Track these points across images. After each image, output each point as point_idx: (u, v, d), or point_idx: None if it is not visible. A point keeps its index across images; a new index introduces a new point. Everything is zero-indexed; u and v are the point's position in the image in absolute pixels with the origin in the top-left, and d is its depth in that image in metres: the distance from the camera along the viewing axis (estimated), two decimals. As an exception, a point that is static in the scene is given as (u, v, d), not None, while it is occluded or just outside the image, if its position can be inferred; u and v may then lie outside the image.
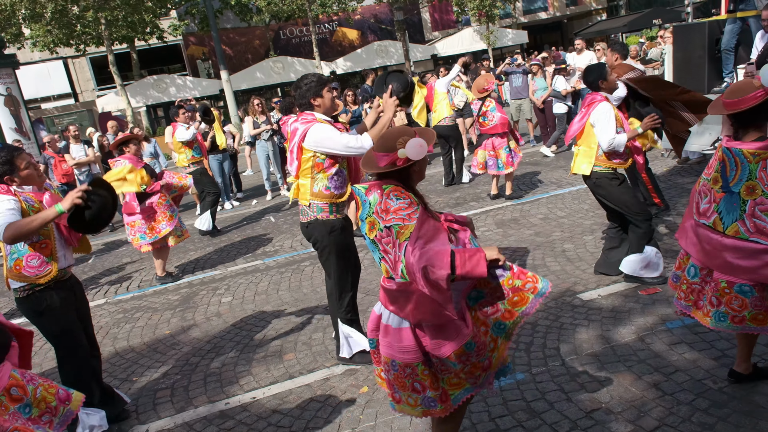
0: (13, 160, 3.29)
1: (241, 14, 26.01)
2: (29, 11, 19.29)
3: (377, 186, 2.38)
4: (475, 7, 26.42)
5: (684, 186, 6.94)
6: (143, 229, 6.18)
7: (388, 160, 2.33)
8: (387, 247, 2.32)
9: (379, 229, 2.31)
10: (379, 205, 2.32)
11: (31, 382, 2.24)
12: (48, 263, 3.34)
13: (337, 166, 3.77)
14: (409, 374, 2.41)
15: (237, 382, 4.04)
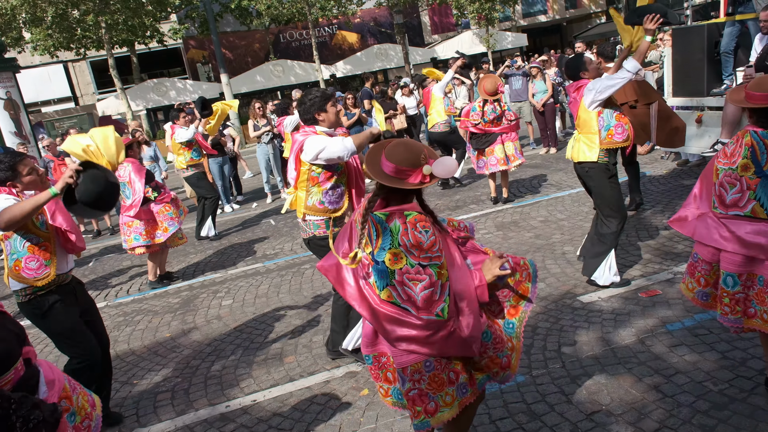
0: (15, 165, 3.29)
1: (241, 18, 26.08)
2: (30, 15, 19.35)
3: (398, 213, 2.31)
4: (474, 10, 26.48)
5: (684, 188, 6.94)
6: (140, 230, 6.19)
7: (418, 178, 2.29)
8: (413, 283, 2.27)
9: (409, 265, 2.25)
10: (406, 237, 2.26)
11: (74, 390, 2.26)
12: (47, 266, 3.34)
13: (333, 181, 3.80)
14: (445, 365, 2.38)
15: (237, 385, 4.04)
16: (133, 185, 6.14)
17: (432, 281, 2.27)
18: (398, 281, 2.28)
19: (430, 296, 2.27)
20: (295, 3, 24.16)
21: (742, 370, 3.26)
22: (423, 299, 2.27)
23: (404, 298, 2.30)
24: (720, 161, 2.96)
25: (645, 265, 4.94)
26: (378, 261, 2.32)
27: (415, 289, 2.27)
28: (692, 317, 3.94)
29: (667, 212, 6.16)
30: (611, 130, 4.46)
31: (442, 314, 2.28)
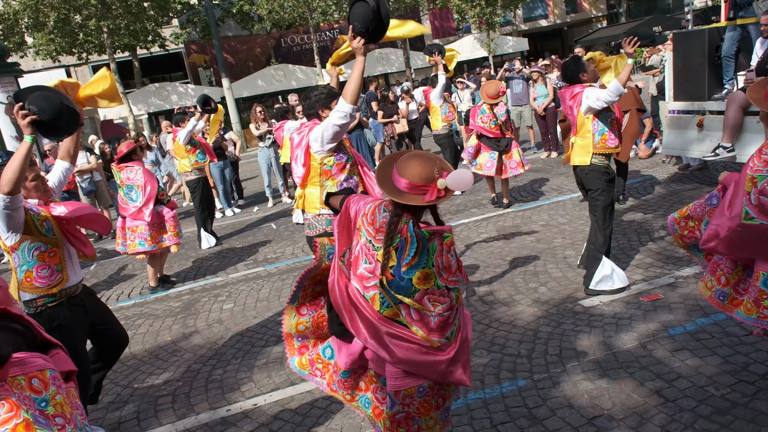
0: None
1: (242, 22, 26.15)
2: (32, 20, 19.40)
3: (439, 235, 2.26)
4: (475, 14, 26.54)
5: (684, 193, 6.94)
6: (145, 236, 6.17)
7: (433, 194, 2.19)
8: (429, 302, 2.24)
9: (437, 286, 2.23)
10: (441, 259, 2.24)
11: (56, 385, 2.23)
12: (59, 272, 3.31)
13: (347, 172, 3.73)
14: (437, 391, 2.38)
15: (238, 389, 4.04)
16: (145, 187, 6.14)
17: (451, 305, 2.27)
18: (416, 300, 2.24)
19: (447, 319, 2.27)
20: (296, 8, 24.21)
21: (744, 375, 3.26)
22: (439, 321, 2.25)
23: (415, 318, 2.25)
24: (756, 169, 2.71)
25: (647, 269, 4.94)
26: (404, 278, 2.22)
27: (433, 310, 2.24)
28: (694, 321, 3.93)
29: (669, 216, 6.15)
30: (605, 135, 4.48)
31: (451, 337, 2.29)
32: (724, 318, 3.89)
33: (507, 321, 4.38)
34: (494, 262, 5.68)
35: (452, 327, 2.30)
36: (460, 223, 7.24)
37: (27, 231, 3.21)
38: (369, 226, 2.31)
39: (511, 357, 3.84)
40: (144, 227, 6.17)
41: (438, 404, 2.40)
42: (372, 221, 2.31)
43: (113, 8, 19.78)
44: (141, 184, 6.14)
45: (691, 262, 4.89)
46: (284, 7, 24.20)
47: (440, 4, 27.53)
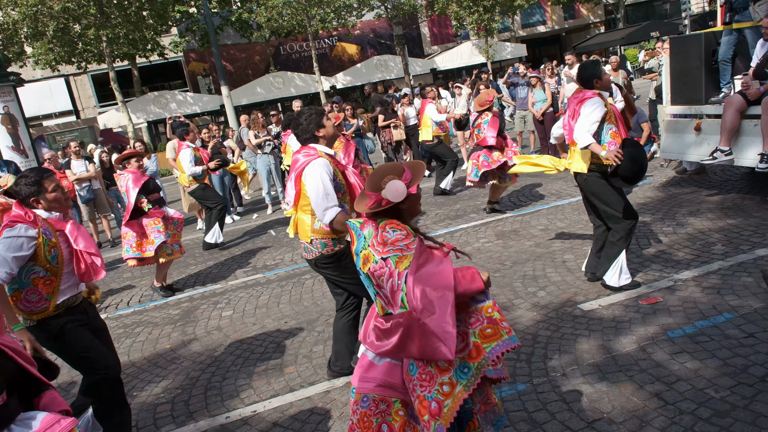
0: (41, 181, 3.21)
1: (241, 30, 26.26)
2: (32, 29, 19.49)
3: (372, 220, 2.39)
4: (473, 21, 26.64)
5: (682, 196, 6.95)
6: (131, 242, 6.25)
7: (374, 200, 2.34)
8: (380, 280, 2.28)
9: (374, 262, 2.29)
10: (375, 238, 2.31)
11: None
12: (47, 300, 3.21)
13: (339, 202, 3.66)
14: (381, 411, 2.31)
15: (237, 396, 4.03)
16: (128, 194, 6.18)
17: (390, 271, 2.24)
18: (376, 285, 2.32)
19: (391, 288, 2.26)
20: (295, 15, 24.32)
21: (743, 377, 3.25)
22: (389, 290, 2.27)
23: (386, 302, 2.31)
24: None
25: (646, 272, 4.93)
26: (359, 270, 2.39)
27: (385, 285, 2.28)
28: (693, 324, 3.93)
29: (667, 220, 6.16)
30: (604, 145, 4.45)
31: (404, 305, 2.23)
32: (723, 321, 3.89)
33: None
34: (493, 266, 5.68)
35: (400, 293, 2.23)
36: (459, 228, 7.25)
37: (34, 255, 3.11)
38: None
39: (511, 361, 3.83)
40: (131, 235, 6.23)
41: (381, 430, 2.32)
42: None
43: (112, 17, 19.88)
44: (125, 190, 6.25)
45: (690, 266, 4.89)
46: (283, 15, 24.30)
47: (438, 10, 27.64)
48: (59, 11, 18.79)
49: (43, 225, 3.18)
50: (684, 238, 5.59)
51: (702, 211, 6.27)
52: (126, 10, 20.05)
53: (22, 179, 3.24)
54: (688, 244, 5.41)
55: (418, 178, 2.40)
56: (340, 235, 3.74)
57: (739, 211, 6.01)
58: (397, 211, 2.38)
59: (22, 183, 3.22)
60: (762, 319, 3.81)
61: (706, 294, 4.33)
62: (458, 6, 26.41)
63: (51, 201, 3.25)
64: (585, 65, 4.66)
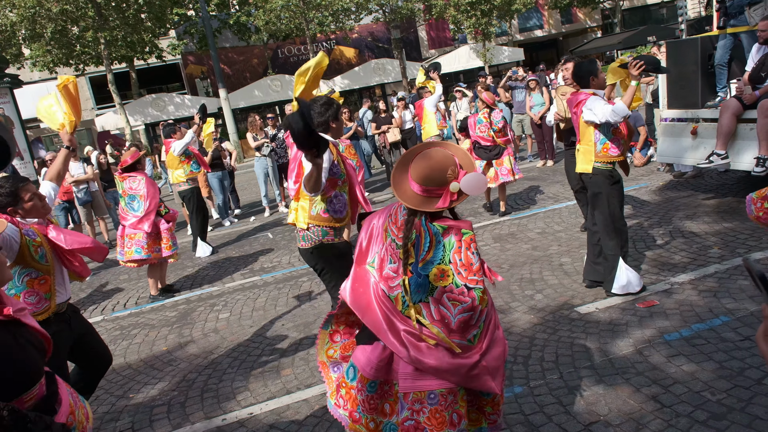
0: (17, 191, 3.13)
1: (239, 33, 26.28)
2: (29, 31, 19.47)
3: (456, 229, 2.19)
4: (471, 25, 26.70)
5: (679, 200, 6.97)
6: (142, 243, 6.19)
7: (447, 199, 2.17)
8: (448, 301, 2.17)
9: (454, 284, 2.15)
10: (459, 256, 2.16)
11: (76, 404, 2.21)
12: (47, 300, 3.20)
13: (336, 189, 3.67)
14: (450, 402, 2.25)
15: (234, 398, 4.02)
16: (147, 198, 6.18)
17: (473, 305, 2.16)
18: (436, 299, 2.18)
19: (468, 320, 2.17)
20: (293, 19, 24.34)
21: (740, 380, 3.26)
22: (459, 322, 2.17)
23: (435, 318, 2.20)
24: None
25: (642, 275, 4.94)
26: (421, 274, 2.20)
27: (453, 310, 2.16)
28: (689, 327, 3.94)
29: (664, 223, 6.18)
30: (607, 144, 4.49)
31: (473, 340, 2.20)
32: (720, 323, 3.90)
33: (503, 328, 4.37)
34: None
35: (475, 329, 2.20)
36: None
37: (20, 257, 3.09)
38: (393, 226, 2.34)
39: (508, 364, 3.83)
40: (142, 235, 6.20)
41: (453, 421, 2.24)
42: (395, 220, 2.34)
43: (110, 20, 19.86)
44: (144, 194, 6.18)
45: (687, 269, 4.91)
46: (281, 18, 24.32)
47: (436, 14, 27.70)
48: (57, 13, 18.78)
49: (24, 226, 3.14)
50: (680, 241, 5.60)
51: (698, 214, 6.28)
52: (124, 12, 20.05)
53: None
54: (684, 247, 5.42)
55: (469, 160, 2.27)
56: (338, 224, 3.69)
57: (736, 215, 6.03)
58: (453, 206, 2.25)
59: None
60: (758, 322, 3.82)
61: (703, 297, 4.34)
62: (456, 10, 26.46)
63: (29, 210, 3.19)
64: (581, 63, 4.68)
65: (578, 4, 31.09)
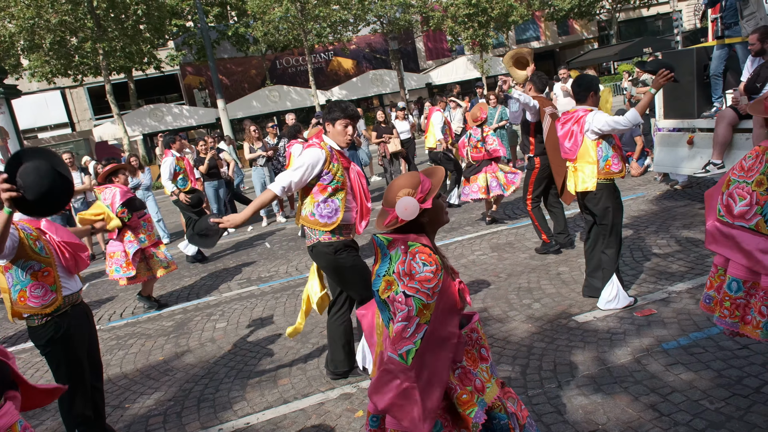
0: None
1: (237, 45, 26.40)
2: (28, 42, 19.53)
3: (402, 241, 2.15)
4: (468, 36, 26.87)
5: (676, 209, 6.99)
6: (120, 262, 6.14)
7: (390, 217, 2.16)
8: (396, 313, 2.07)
9: (395, 292, 2.07)
10: (402, 266, 2.09)
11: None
12: (53, 292, 3.27)
13: (326, 194, 3.70)
14: None
15: (231, 408, 3.99)
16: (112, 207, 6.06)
17: (410, 314, 2.02)
18: (392, 312, 2.09)
19: (402, 330, 2.02)
20: (291, 30, 24.47)
21: (738, 388, 3.25)
22: (395, 331, 2.04)
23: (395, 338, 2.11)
24: (735, 173, 2.99)
25: (640, 284, 4.94)
26: (373, 290, 2.15)
27: (395, 318, 2.06)
28: (687, 336, 3.93)
29: (661, 233, 6.18)
30: (609, 160, 4.47)
31: (406, 358, 2.02)
32: (717, 332, 3.89)
33: (501, 337, 4.37)
34: (488, 278, 5.68)
35: (409, 344, 2.02)
36: (454, 241, 7.25)
37: (20, 251, 3.18)
38: None
39: (506, 373, 3.82)
40: (120, 254, 6.13)
41: None
42: None
43: (109, 30, 19.94)
44: (111, 203, 6.07)
45: (684, 278, 4.91)
46: (279, 30, 24.45)
47: (434, 26, 27.89)
48: (56, 24, 18.85)
49: (19, 222, 3.27)
50: (678, 250, 5.61)
51: (695, 223, 6.30)
52: (123, 23, 20.13)
53: None
54: (682, 256, 5.43)
55: (437, 188, 2.20)
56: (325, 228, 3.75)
57: (732, 224, 6.03)
58: (419, 225, 2.19)
59: None
60: (756, 331, 3.82)
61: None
62: (453, 21, 26.65)
63: None
64: (584, 77, 4.68)
65: (575, 16, 31.33)
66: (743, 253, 2.85)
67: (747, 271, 2.87)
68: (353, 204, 3.84)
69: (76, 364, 3.36)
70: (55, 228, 3.40)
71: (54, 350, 3.32)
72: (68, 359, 3.33)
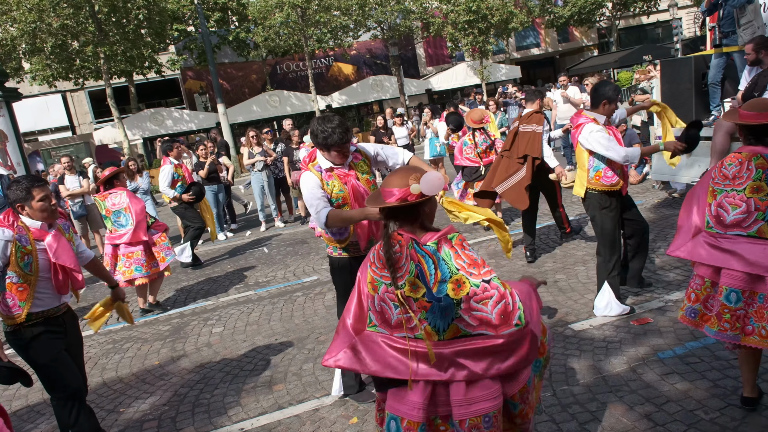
0: (31, 189, 3.23)
1: (238, 49, 26.46)
2: (30, 45, 19.56)
3: (443, 239, 2.22)
4: (468, 42, 26.93)
5: (674, 218, 6.98)
6: (141, 261, 6.15)
7: (400, 195, 2.20)
8: (482, 304, 2.15)
9: (474, 285, 2.14)
10: (459, 259, 2.17)
11: None
12: (20, 307, 3.21)
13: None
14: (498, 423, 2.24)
15: (225, 413, 3.98)
16: (131, 207, 6.13)
17: (500, 293, 2.16)
18: (465, 309, 2.15)
19: (505, 309, 2.16)
20: (292, 35, 24.54)
21: (733, 399, 3.24)
22: (498, 315, 2.15)
23: (475, 325, 2.17)
24: (717, 183, 3.00)
25: (636, 293, 4.94)
26: (440, 298, 2.16)
27: (486, 308, 2.15)
28: (683, 345, 3.93)
29: (659, 241, 6.19)
30: (600, 172, 4.45)
31: (521, 322, 2.17)
32: (713, 342, 3.88)
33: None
34: (485, 285, 5.67)
35: (517, 312, 2.17)
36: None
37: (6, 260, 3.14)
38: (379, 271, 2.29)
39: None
40: (140, 253, 6.15)
41: None
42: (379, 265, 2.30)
43: (110, 35, 19.98)
44: (128, 206, 6.13)
45: (681, 287, 4.91)
46: (280, 35, 24.51)
47: (434, 32, 27.95)
48: (58, 28, 18.89)
49: (21, 231, 3.20)
50: (675, 259, 5.60)
51: (693, 232, 6.29)
52: (124, 27, 20.17)
53: (14, 184, 3.28)
54: (678, 265, 5.43)
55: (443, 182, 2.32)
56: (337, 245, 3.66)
57: (730, 233, 6.03)
58: (416, 214, 2.26)
59: (14, 188, 3.26)
60: (752, 340, 3.81)
61: (697, 315, 4.33)
62: (453, 28, 26.72)
63: (36, 210, 3.25)
64: (604, 83, 4.56)
65: (575, 23, 31.41)
66: (743, 262, 2.86)
67: (746, 280, 2.87)
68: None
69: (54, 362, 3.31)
70: (56, 248, 3.28)
71: (27, 355, 3.30)
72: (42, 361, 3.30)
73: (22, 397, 4.69)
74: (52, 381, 3.36)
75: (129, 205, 6.13)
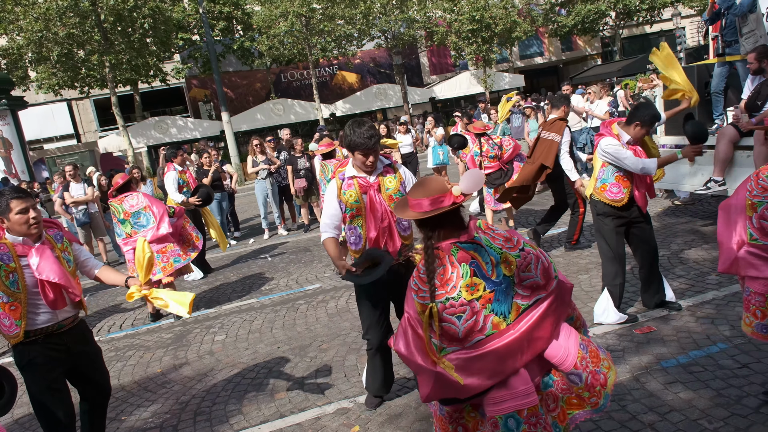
0: (10, 201, 3.06)
1: (243, 58, 26.58)
2: (36, 54, 19.71)
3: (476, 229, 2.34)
4: (472, 51, 27.01)
5: (678, 226, 6.97)
6: (176, 252, 6.21)
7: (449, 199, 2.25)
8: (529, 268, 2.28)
9: (516, 257, 2.27)
10: (496, 242, 2.29)
11: None
12: (17, 326, 3.09)
13: (348, 222, 3.58)
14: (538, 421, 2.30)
15: (227, 421, 3.98)
16: (151, 205, 6.18)
17: (536, 254, 2.31)
18: (518, 283, 2.28)
19: (543, 267, 2.31)
20: (296, 44, 24.65)
21: (737, 408, 3.22)
22: (542, 274, 2.30)
23: (528, 294, 2.29)
24: (756, 196, 2.99)
25: (640, 301, 4.92)
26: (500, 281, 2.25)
27: (536, 272, 2.29)
28: (687, 354, 3.91)
29: (662, 249, 6.16)
30: (605, 185, 4.47)
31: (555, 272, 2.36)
32: (717, 351, 3.87)
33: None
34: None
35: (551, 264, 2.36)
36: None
37: None
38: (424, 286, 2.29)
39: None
40: (173, 246, 6.21)
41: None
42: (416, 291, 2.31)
43: (116, 44, 20.12)
44: (147, 204, 6.17)
45: (684, 296, 4.89)
46: (284, 44, 24.64)
47: (438, 41, 28.05)
48: (64, 37, 19.03)
49: (3, 249, 3.06)
50: (678, 267, 5.59)
51: (696, 241, 6.28)
52: (130, 36, 20.31)
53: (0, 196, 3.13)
54: (682, 273, 5.41)
55: None
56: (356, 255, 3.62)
57: (734, 242, 6.02)
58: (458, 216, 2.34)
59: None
60: (756, 350, 3.79)
61: (700, 324, 4.32)
62: (457, 37, 26.81)
63: (14, 223, 3.07)
64: (650, 107, 4.54)
65: (578, 32, 31.47)
66: None
67: None
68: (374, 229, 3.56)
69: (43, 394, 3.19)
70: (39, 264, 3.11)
71: (23, 375, 3.20)
72: (33, 390, 3.19)
73: (24, 405, 4.70)
74: (40, 415, 3.22)
75: (148, 204, 6.17)
